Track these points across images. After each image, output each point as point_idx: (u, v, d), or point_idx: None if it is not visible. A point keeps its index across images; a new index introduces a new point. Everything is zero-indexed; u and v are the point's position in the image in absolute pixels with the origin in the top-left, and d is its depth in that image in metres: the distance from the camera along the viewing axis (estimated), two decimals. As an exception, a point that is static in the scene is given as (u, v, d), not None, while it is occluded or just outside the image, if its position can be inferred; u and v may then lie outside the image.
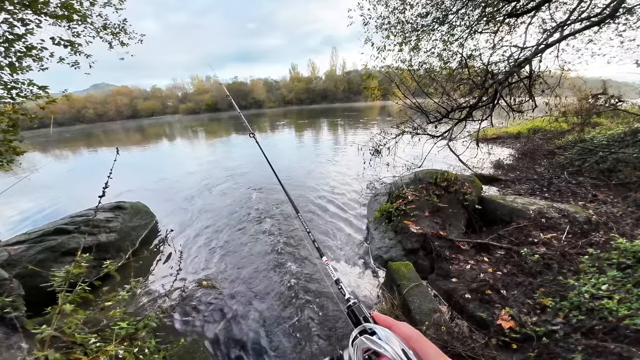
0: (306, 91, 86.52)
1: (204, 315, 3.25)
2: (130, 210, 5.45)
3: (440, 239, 3.82)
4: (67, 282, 1.26)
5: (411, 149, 7.20)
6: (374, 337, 0.43)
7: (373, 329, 0.45)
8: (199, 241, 5.10)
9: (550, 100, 5.96)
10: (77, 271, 1.29)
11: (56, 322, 1.17)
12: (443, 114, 5.62)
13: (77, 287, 1.30)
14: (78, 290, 1.28)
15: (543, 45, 4.69)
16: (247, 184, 8.41)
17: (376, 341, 0.42)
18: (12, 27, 3.69)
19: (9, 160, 4.07)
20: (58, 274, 1.28)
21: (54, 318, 1.19)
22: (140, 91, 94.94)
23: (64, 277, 1.26)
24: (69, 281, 1.27)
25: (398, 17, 6.41)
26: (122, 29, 4.87)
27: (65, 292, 1.23)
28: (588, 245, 3.12)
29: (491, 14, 5.79)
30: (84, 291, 1.30)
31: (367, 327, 0.46)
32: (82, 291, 1.30)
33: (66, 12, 4.02)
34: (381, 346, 0.41)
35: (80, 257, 1.34)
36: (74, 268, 1.29)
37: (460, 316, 2.83)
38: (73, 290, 1.28)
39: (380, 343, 0.42)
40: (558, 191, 5.23)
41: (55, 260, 3.88)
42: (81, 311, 1.28)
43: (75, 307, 1.25)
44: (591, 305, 2.23)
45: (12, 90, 3.78)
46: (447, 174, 5.08)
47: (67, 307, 1.21)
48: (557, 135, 9.10)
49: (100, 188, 1.45)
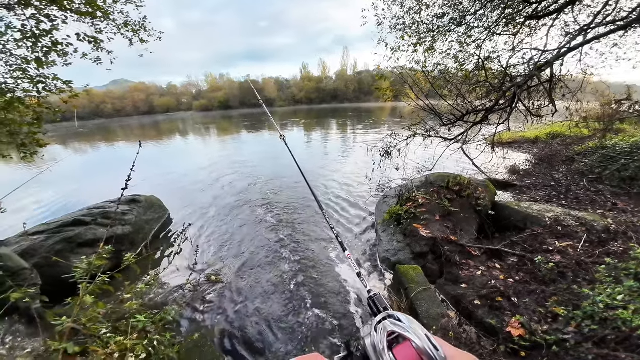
0: (316, 90, 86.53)
1: (211, 310, 3.31)
2: (144, 203, 5.60)
3: (450, 244, 3.76)
4: (89, 274, 1.29)
5: (423, 151, 7.10)
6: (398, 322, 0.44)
7: (398, 316, 0.46)
8: (209, 235, 5.19)
9: (571, 105, 5.76)
10: (99, 263, 1.33)
11: (76, 314, 1.21)
12: (457, 117, 5.50)
13: (97, 278, 1.34)
14: (98, 281, 1.32)
15: (565, 49, 4.53)
16: (257, 178, 8.50)
17: (401, 325, 0.43)
18: (39, 23, 3.82)
19: (32, 152, 4.26)
20: (80, 265, 1.32)
21: (75, 309, 1.22)
22: (157, 88, 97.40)
23: (87, 268, 1.30)
24: (91, 273, 1.31)
25: (413, 17, 6.31)
26: (142, 26, 4.99)
27: (87, 284, 1.27)
28: (605, 255, 3.04)
29: (511, 15, 5.63)
30: (104, 283, 1.35)
31: (392, 313, 0.47)
32: (102, 283, 1.34)
33: (90, 9, 4.14)
34: (406, 330, 0.42)
35: (102, 249, 1.38)
36: (96, 260, 1.32)
37: (469, 322, 2.79)
38: (93, 282, 1.32)
39: (405, 327, 0.43)
40: (576, 199, 5.07)
41: (72, 251, 3.97)
42: (101, 303, 1.31)
43: (95, 298, 1.28)
44: (605, 315, 2.19)
45: (39, 84, 3.93)
46: (460, 178, 4.99)
47: (88, 298, 1.24)
48: (577, 141, 8.81)
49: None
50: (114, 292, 1.44)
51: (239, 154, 13.99)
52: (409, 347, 0.40)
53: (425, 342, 0.39)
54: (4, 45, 3.77)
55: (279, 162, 11.03)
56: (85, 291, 1.25)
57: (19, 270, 2.97)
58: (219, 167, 10.80)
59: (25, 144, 4.16)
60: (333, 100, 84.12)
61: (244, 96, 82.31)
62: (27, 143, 4.17)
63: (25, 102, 4.04)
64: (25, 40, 3.83)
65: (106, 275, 1.35)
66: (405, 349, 0.41)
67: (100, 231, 4.36)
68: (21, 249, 3.71)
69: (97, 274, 1.35)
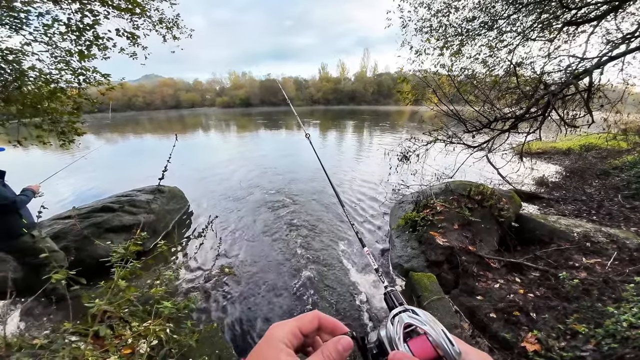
0: (334, 91, 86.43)
1: (223, 301, 3.41)
2: (168, 194, 5.85)
3: (468, 254, 3.65)
4: (125, 259, 1.38)
5: (443, 158, 6.91)
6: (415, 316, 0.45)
7: (415, 310, 0.46)
8: (227, 228, 5.34)
9: (609, 116, 5.40)
10: (134, 249, 1.41)
11: (109, 297, 1.29)
12: (483, 124, 5.30)
13: (128, 263, 1.42)
14: (130, 266, 1.41)
15: (606, 58, 4.25)
16: (275, 175, 8.64)
17: (418, 319, 0.43)
18: (83, 17, 4.04)
19: (70, 139, 4.56)
20: (118, 249, 1.41)
21: (108, 292, 1.30)
22: (184, 83, 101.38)
23: (123, 253, 1.39)
24: (126, 258, 1.39)
25: (441, 20, 6.15)
26: (175, 24, 5.21)
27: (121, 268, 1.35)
28: (635, 274, 2.88)
29: (547, 20, 5.35)
30: (135, 268, 1.43)
31: (408, 308, 0.47)
32: (134, 267, 1.42)
33: (129, 5, 4.37)
34: (423, 323, 0.42)
35: (138, 235, 1.46)
36: (132, 245, 1.41)
37: (482, 335, 2.74)
38: (126, 266, 1.40)
39: (422, 320, 0.43)
40: (608, 214, 4.78)
41: (99, 236, 4.15)
42: (133, 288, 1.39)
43: (126, 283, 1.36)
44: (627, 334, 2.10)
45: (80, 76, 4.20)
46: (483, 187, 4.82)
47: (121, 283, 1.32)
48: (613, 154, 8.27)
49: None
50: (142, 275, 1.52)
51: (257, 149, 14.26)
52: (424, 340, 0.40)
53: (441, 335, 0.39)
54: (50, 38, 4.01)
55: (296, 159, 11.14)
56: (120, 275, 1.33)
57: (51, 252, 3.18)
58: (239, 162, 11.07)
59: (64, 132, 4.47)
60: (350, 101, 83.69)
61: (264, 94, 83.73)
62: (66, 131, 4.47)
63: (67, 93, 4.32)
64: (69, 33, 4.06)
65: (138, 261, 1.44)
66: (421, 342, 0.41)
67: (126, 218, 4.60)
68: (53, 231, 3.90)
69: (129, 258, 1.44)
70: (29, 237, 2.80)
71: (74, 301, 1.58)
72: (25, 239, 2.83)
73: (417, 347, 0.40)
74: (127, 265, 1.39)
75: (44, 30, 3.90)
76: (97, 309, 1.18)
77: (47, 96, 4.15)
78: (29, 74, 3.94)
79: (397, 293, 0.56)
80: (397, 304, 0.52)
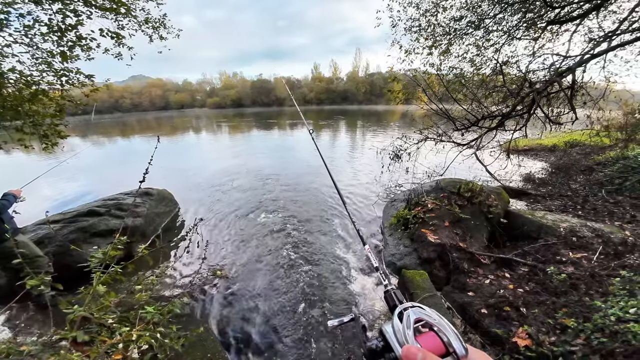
0: (326, 91, 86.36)
1: (215, 304, 3.36)
2: (156, 197, 5.73)
3: (459, 251, 3.70)
4: (104, 264, 1.33)
5: (433, 156, 6.98)
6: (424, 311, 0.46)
7: (421, 306, 0.47)
8: (218, 230, 5.27)
9: (592, 113, 5.56)
10: (113, 253, 1.37)
11: (87, 303, 1.24)
12: (472, 122, 5.39)
13: (109, 268, 1.37)
14: (111, 271, 1.36)
15: (589, 55, 4.37)
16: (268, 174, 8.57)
17: (428, 313, 0.44)
18: (65, 18, 3.91)
19: (53, 143, 4.41)
20: (96, 254, 1.36)
21: (87, 298, 1.26)
22: (173, 84, 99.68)
23: (102, 258, 1.34)
24: (105, 263, 1.34)
25: (429, 20, 6.22)
26: (162, 24, 5.11)
27: (100, 273, 1.31)
28: (621, 267, 2.95)
29: (532, 19, 5.48)
30: (116, 273, 1.38)
31: (415, 304, 0.48)
32: (115, 273, 1.38)
33: (114, 5, 4.26)
34: (433, 318, 0.43)
35: (118, 240, 1.41)
36: (112, 250, 1.36)
37: (474, 331, 2.77)
38: (106, 271, 1.35)
39: (431, 314, 0.43)
40: (593, 209, 4.90)
41: (85, 240, 4.07)
42: (113, 293, 1.34)
43: (106, 288, 1.31)
44: (615, 328, 2.15)
45: (62, 77, 4.07)
46: (472, 185, 4.89)
47: (101, 288, 1.28)
48: (596, 150, 8.50)
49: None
50: (125, 281, 1.47)
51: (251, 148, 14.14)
52: (433, 336, 0.40)
53: (453, 332, 0.40)
54: (31, 39, 3.88)
55: (295, 159, 11.08)
56: (99, 280, 1.29)
57: (34, 258, 3.07)
58: (231, 163, 10.95)
59: (47, 135, 4.32)
60: (343, 101, 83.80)
61: (255, 95, 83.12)
62: (49, 134, 4.33)
63: (49, 95, 4.19)
64: (51, 34, 3.93)
65: (119, 266, 1.39)
66: (430, 337, 0.40)
67: (112, 222, 4.49)
68: (37, 237, 3.79)
69: (111, 263, 1.39)
70: (12, 242, 2.70)
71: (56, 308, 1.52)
72: (7, 244, 2.73)
73: (427, 342, 0.40)
74: (108, 271, 1.35)
75: (25, 32, 3.77)
76: (75, 316, 1.13)
77: (28, 98, 4.01)
78: (9, 76, 3.81)
79: (398, 291, 0.57)
80: (400, 301, 0.53)
